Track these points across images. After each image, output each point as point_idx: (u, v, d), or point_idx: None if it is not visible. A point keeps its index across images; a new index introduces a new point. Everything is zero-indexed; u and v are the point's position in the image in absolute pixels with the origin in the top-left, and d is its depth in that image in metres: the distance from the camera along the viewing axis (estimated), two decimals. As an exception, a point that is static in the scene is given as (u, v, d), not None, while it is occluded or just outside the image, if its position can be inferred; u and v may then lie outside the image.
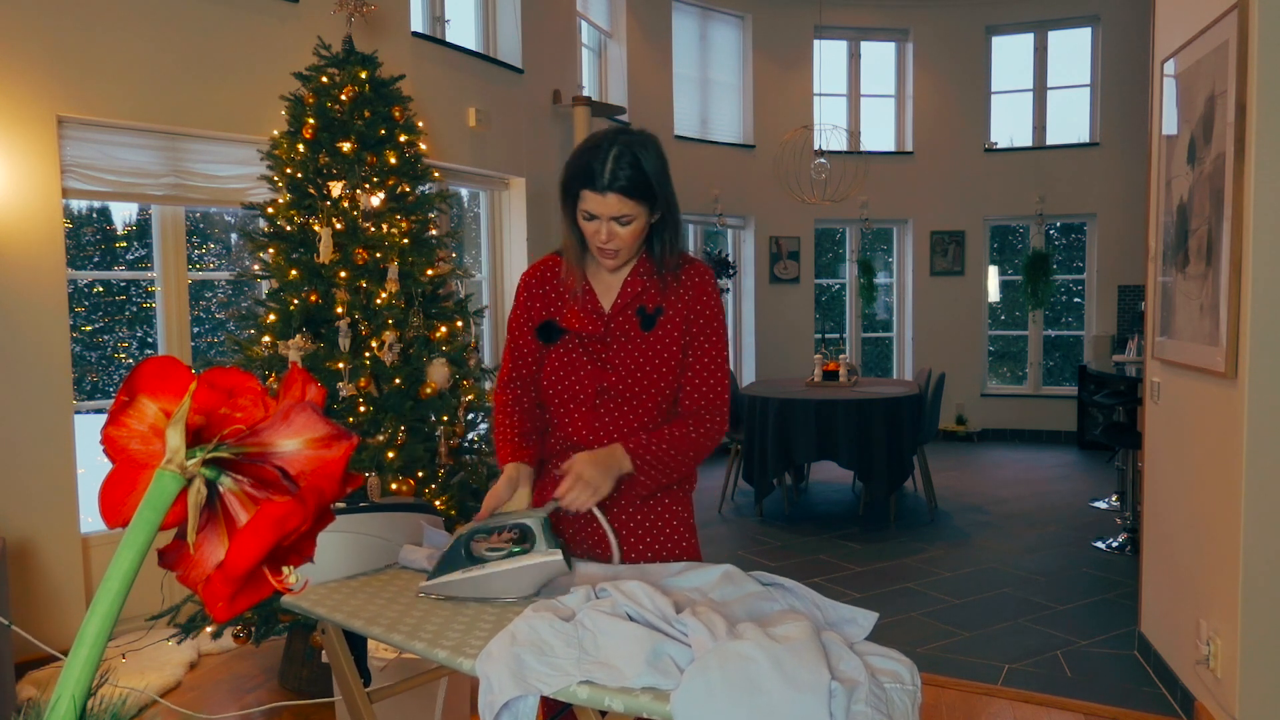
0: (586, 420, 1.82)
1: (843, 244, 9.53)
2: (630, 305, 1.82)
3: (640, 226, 1.76)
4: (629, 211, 1.72)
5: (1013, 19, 8.85)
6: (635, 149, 1.71)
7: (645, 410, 1.81)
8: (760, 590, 1.50)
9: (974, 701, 3.25)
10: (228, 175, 4.20)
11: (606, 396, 1.80)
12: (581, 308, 1.83)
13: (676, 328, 1.81)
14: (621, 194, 1.69)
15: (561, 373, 1.84)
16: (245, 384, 0.63)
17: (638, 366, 1.80)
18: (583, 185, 1.71)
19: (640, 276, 1.83)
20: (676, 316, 1.82)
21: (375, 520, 1.88)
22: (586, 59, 7.28)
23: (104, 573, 0.58)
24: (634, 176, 1.69)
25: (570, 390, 1.83)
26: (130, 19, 3.81)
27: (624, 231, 1.74)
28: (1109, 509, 5.99)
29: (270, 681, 3.42)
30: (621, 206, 1.71)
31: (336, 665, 1.77)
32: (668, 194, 1.77)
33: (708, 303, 1.84)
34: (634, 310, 1.82)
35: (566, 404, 1.84)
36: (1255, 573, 2.61)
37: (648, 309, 1.81)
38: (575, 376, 1.82)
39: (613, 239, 1.74)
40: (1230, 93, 2.65)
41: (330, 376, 3.26)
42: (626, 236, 1.75)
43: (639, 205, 1.72)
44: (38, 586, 3.61)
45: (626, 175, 1.69)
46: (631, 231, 1.75)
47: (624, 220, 1.73)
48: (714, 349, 1.84)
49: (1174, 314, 3.21)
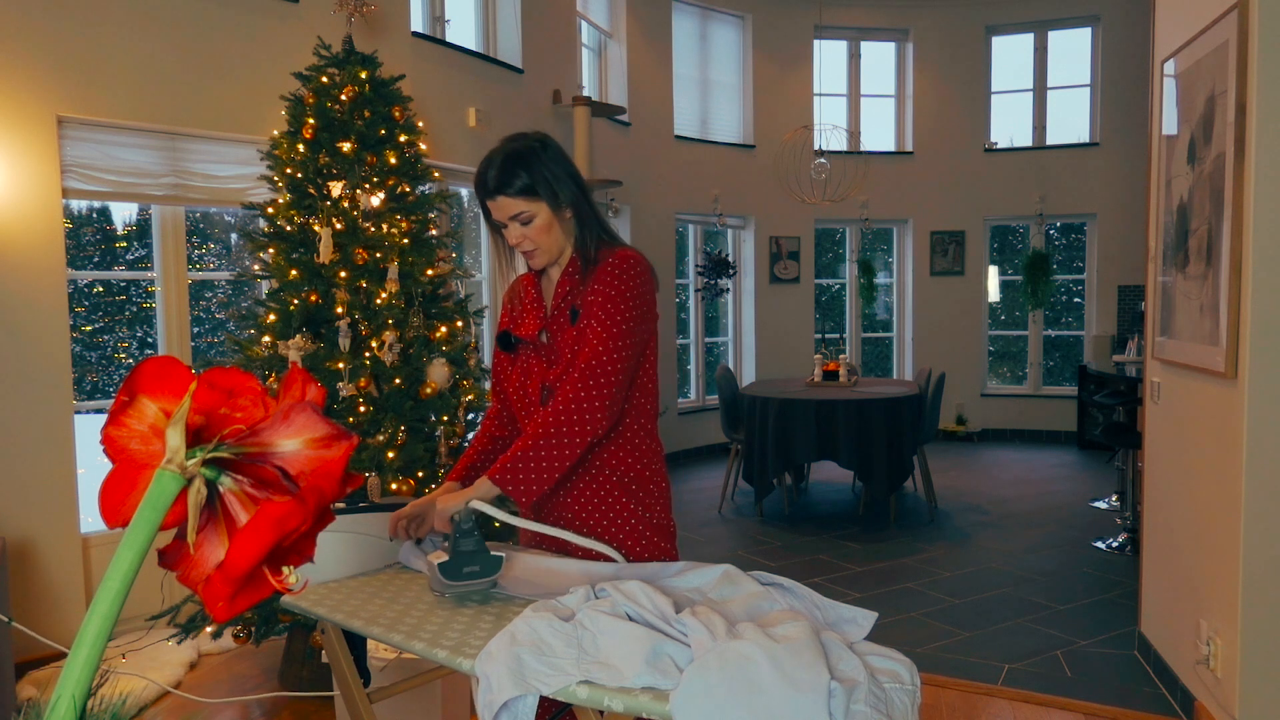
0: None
1: (843, 244, 9.54)
2: (564, 304, 1.89)
3: (545, 222, 1.82)
4: (524, 209, 1.80)
5: (1013, 19, 8.85)
6: (518, 150, 1.81)
7: None
8: (760, 590, 1.50)
9: (974, 701, 3.25)
10: (228, 175, 4.20)
11: (550, 393, 1.86)
12: (531, 315, 1.94)
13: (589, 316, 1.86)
14: (505, 195, 1.79)
15: (521, 379, 1.93)
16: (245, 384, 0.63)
17: (566, 360, 1.84)
18: (481, 197, 1.83)
19: (570, 275, 1.89)
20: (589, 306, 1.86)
21: (375, 520, 1.88)
22: (586, 59, 7.28)
23: (104, 573, 0.58)
24: (508, 179, 1.79)
25: (527, 393, 1.90)
26: (130, 19, 3.81)
27: (530, 230, 1.82)
28: (1109, 509, 5.99)
29: (270, 681, 3.42)
30: (513, 205, 1.80)
31: (336, 665, 1.77)
32: (564, 187, 1.83)
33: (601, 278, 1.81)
34: (567, 309, 1.88)
35: (526, 406, 1.91)
36: (1255, 573, 2.61)
37: (577, 305, 1.86)
38: (529, 378, 1.91)
39: (523, 240, 1.83)
40: (1230, 93, 2.65)
41: (330, 376, 3.26)
42: (534, 234, 1.82)
43: (531, 202, 1.80)
44: (38, 586, 3.61)
45: (507, 177, 1.79)
46: (538, 229, 1.82)
47: (523, 219, 1.81)
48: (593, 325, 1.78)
49: (1174, 314, 3.21)
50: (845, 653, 1.25)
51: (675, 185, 7.99)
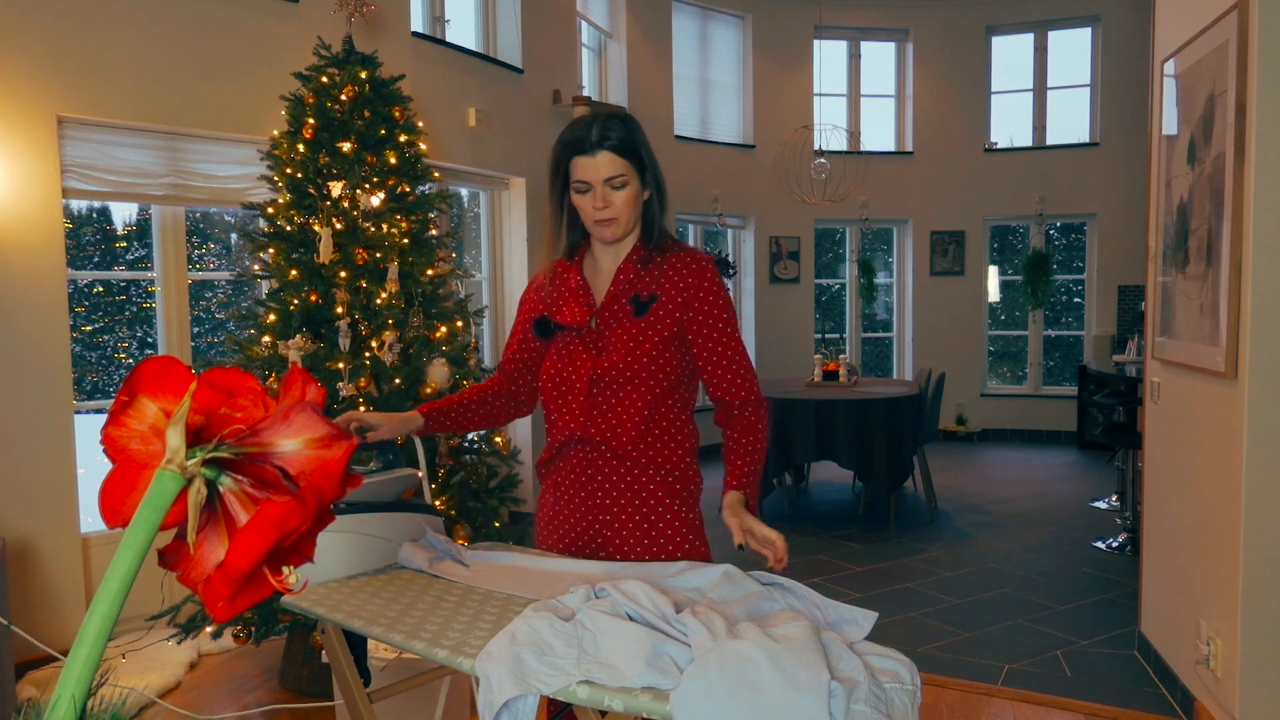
0: (584, 409, 1.82)
1: (843, 244, 9.54)
2: (623, 293, 1.83)
3: (633, 193, 1.78)
4: (621, 171, 1.75)
5: (1013, 19, 8.85)
6: (624, 115, 1.81)
7: (638, 394, 1.80)
8: (760, 590, 1.50)
9: (974, 701, 3.25)
10: (228, 175, 4.20)
11: (602, 384, 1.81)
12: (576, 302, 1.86)
13: (670, 314, 1.81)
14: (612, 151, 1.74)
15: (559, 365, 1.86)
16: (245, 384, 0.63)
17: (629, 351, 1.79)
18: (573, 154, 1.76)
19: (633, 264, 1.84)
20: (670, 303, 1.81)
21: (375, 520, 1.88)
22: (586, 59, 7.28)
23: (104, 573, 0.58)
24: (622, 135, 1.75)
25: (567, 382, 1.84)
26: (130, 19, 3.81)
27: (618, 197, 1.76)
28: (1109, 509, 5.99)
29: (270, 681, 3.41)
30: (613, 165, 1.74)
31: (336, 665, 1.77)
32: (655, 166, 1.81)
33: (709, 289, 1.82)
34: (627, 298, 1.82)
35: (564, 395, 1.85)
36: (1255, 573, 2.61)
37: (641, 296, 1.81)
38: (572, 367, 1.84)
39: (608, 205, 1.76)
40: (1230, 93, 2.65)
41: (330, 376, 3.26)
42: (621, 203, 1.77)
43: (630, 166, 1.76)
44: (38, 586, 3.61)
45: (615, 134, 1.74)
46: (625, 198, 1.77)
47: (617, 182, 1.75)
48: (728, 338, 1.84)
49: (1174, 314, 3.21)
50: (845, 652, 1.25)
51: (675, 185, 7.91)
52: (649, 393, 1.81)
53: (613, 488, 1.84)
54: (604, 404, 1.81)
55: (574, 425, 1.83)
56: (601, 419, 1.81)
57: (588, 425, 1.81)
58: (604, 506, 1.85)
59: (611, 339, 1.82)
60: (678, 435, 1.86)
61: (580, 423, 1.82)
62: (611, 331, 1.82)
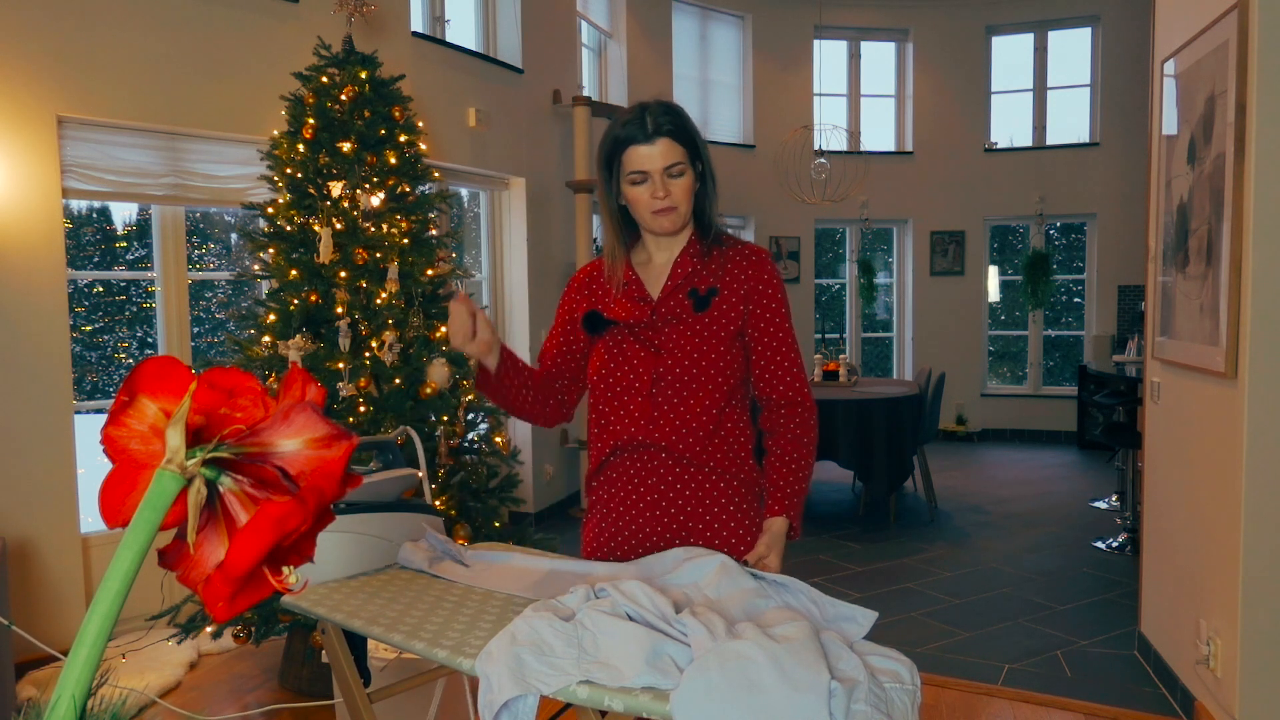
0: (644, 411, 1.73)
1: (843, 244, 9.53)
2: (681, 287, 1.76)
3: (690, 181, 1.74)
4: (678, 159, 1.71)
5: (1013, 19, 8.85)
6: (675, 105, 1.76)
7: (705, 394, 1.73)
8: (755, 586, 1.50)
9: (974, 701, 3.25)
10: (228, 175, 4.20)
11: (663, 384, 1.73)
12: (627, 297, 1.78)
13: (733, 308, 1.75)
14: (670, 138, 1.69)
15: (611, 365, 1.77)
16: (245, 384, 0.63)
17: (694, 348, 1.73)
18: (629, 143, 1.71)
19: (690, 257, 1.78)
20: (733, 296, 1.75)
21: (375, 520, 1.88)
22: (586, 59, 7.28)
23: (104, 573, 0.58)
24: (677, 122, 1.71)
25: (624, 381, 1.75)
26: (130, 19, 3.81)
27: (677, 186, 1.71)
28: (1109, 509, 5.99)
29: (270, 681, 3.41)
30: (671, 153, 1.70)
31: (336, 665, 1.77)
32: (707, 154, 1.77)
33: (769, 282, 1.78)
34: (685, 293, 1.76)
35: (620, 397, 1.76)
36: (1255, 573, 2.61)
37: (700, 290, 1.75)
38: (629, 366, 1.75)
39: (668, 194, 1.71)
40: (1230, 93, 2.65)
41: (330, 376, 3.26)
42: (679, 192, 1.72)
43: (686, 153, 1.72)
44: (38, 586, 3.61)
45: (671, 121, 1.70)
46: (683, 186, 1.72)
47: (674, 170, 1.71)
48: (784, 334, 1.79)
49: (1174, 314, 3.21)
50: (845, 652, 1.25)
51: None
52: (716, 392, 1.74)
53: (677, 495, 1.75)
54: (665, 405, 1.73)
55: (634, 429, 1.74)
56: (665, 421, 1.72)
57: (650, 429, 1.72)
58: (668, 514, 1.76)
59: (670, 335, 1.75)
60: (740, 437, 1.79)
61: (642, 426, 1.73)
62: (670, 328, 1.75)
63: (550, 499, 6.08)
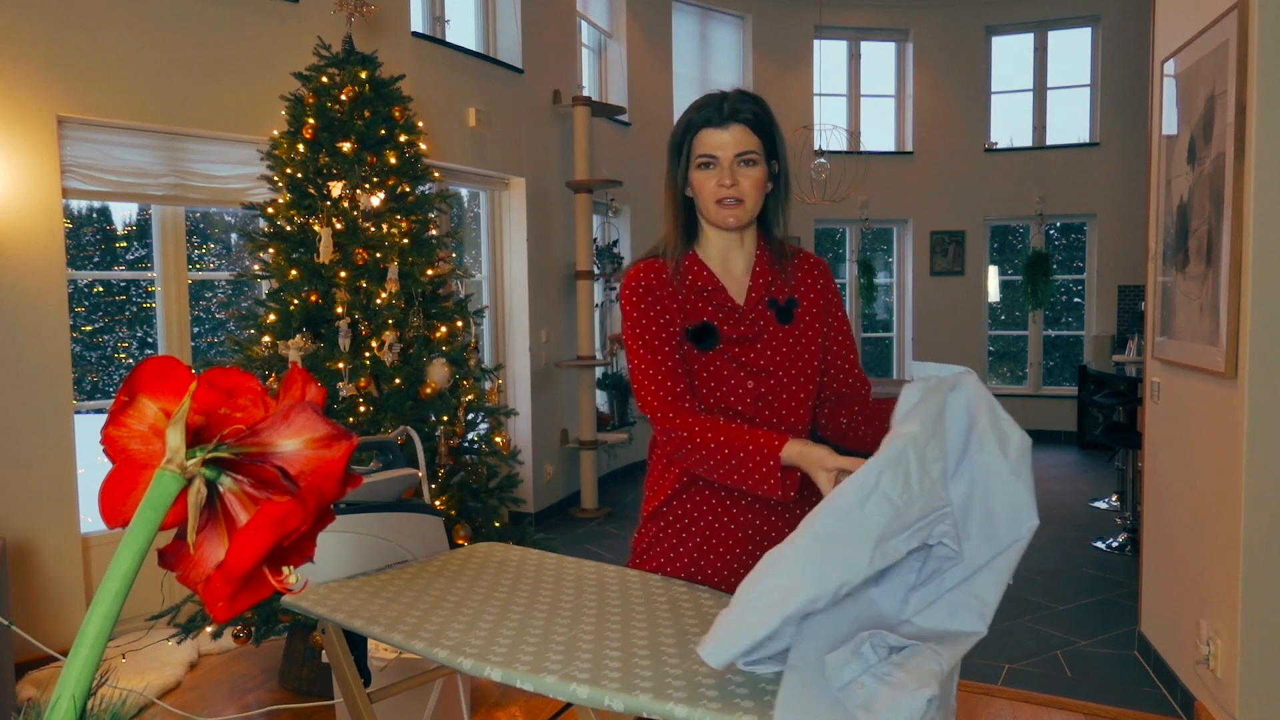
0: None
1: (843, 244, 9.54)
2: (762, 296, 1.66)
3: (761, 176, 1.62)
4: (752, 148, 1.59)
5: (1013, 19, 8.85)
6: (753, 94, 1.65)
7: (794, 413, 1.65)
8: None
9: (974, 701, 3.25)
10: (228, 175, 4.20)
11: (762, 404, 1.63)
12: (718, 307, 1.65)
13: (816, 319, 1.68)
14: (746, 126, 1.59)
15: (712, 384, 1.62)
16: (245, 384, 0.63)
17: (787, 363, 1.64)
18: (702, 125, 1.60)
19: (767, 265, 1.68)
20: (813, 307, 1.69)
21: (375, 520, 1.88)
22: (586, 59, 7.28)
23: (104, 573, 0.58)
24: (757, 110, 1.61)
25: (724, 402, 1.62)
26: (130, 19, 3.81)
27: (746, 177, 1.60)
28: (1109, 509, 5.98)
29: (270, 681, 3.41)
30: (745, 140, 1.59)
31: (336, 665, 1.77)
32: (784, 153, 1.66)
33: (834, 288, 1.75)
34: (765, 303, 1.66)
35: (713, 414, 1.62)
36: (1255, 573, 2.61)
37: (779, 301, 1.66)
38: (727, 386, 1.62)
39: (735, 184, 1.59)
40: (1230, 93, 2.65)
41: (330, 376, 3.26)
42: (748, 184, 1.60)
43: (761, 145, 1.61)
44: (38, 586, 3.61)
45: (750, 108, 1.60)
46: (754, 179, 1.60)
47: (747, 158, 1.59)
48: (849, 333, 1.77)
49: (1174, 314, 3.21)
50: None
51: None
52: (801, 407, 1.67)
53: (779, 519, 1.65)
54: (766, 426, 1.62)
55: None
56: None
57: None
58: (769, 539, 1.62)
59: (764, 352, 1.64)
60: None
61: None
62: (761, 342, 1.64)
63: (550, 499, 6.08)
